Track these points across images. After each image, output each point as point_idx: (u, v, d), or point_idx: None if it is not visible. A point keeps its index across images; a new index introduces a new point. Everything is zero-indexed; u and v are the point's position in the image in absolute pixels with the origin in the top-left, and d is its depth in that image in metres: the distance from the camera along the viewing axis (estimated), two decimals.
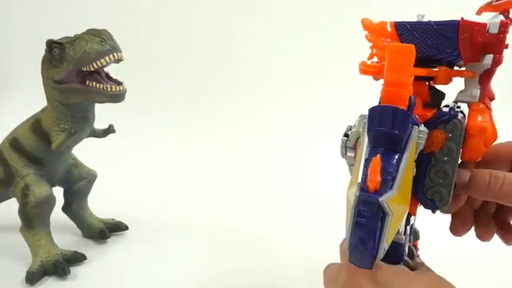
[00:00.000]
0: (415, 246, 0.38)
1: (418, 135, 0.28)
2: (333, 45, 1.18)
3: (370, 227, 0.26)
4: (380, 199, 0.26)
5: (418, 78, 0.30)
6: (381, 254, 0.27)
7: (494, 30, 0.27)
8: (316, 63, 1.23)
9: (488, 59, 0.29)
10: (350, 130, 0.33)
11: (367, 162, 0.27)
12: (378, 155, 0.27)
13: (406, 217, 0.30)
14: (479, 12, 0.29)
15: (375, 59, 0.33)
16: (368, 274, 0.28)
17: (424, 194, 0.31)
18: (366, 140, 0.29)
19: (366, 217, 0.26)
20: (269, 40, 1.28)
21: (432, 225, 0.42)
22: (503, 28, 0.27)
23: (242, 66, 1.28)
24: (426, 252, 0.40)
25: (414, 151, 0.28)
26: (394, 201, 0.26)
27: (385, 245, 0.27)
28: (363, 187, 0.27)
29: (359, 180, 0.27)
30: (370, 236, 0.26)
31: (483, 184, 0.30)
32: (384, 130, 0.27)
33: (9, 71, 1.30)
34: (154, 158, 1.02)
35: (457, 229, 0.35)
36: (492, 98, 0.31)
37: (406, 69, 0.27)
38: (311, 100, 1.21)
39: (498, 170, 0.30)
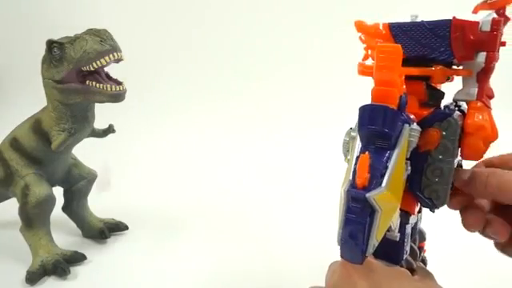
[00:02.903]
0: (421, 248, 0.38)
1: (410, 133, 0.28)
2: (335, 45, 1.18)
3: (360, 223, 0.27)
4: (367, 195, 0.26)
5: (414, 78, 0.30)
6: (370, 249, 0.27)
7: (486, 27, 0.27)
8: (317, 63, 1.23)
9: (481, 57, 0.29)
10: (350, 133, 0.33)
11: (358, 159, 0.28)
12: (367, 152, 0.27)
13: (397, 214, 0.30)
14: (475, 10, 0.29)
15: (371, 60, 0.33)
16: (363, 272, 0.29)
17: (422, 193, 0.31)
18: (358, 138, 0.29)
19: (356, 213, 0.27)
20: (270, 41, 1.28)
21: (439, 226, 0.42)
22: (495, 25, 0.27)
23: (245, 66, 1.28)
24: (432, 253, 0.40)
25: (405, 149, 0.28)
26: (383, 197, 0.27)
27: (374, 241, 0.27)
28: (353, 184, 0.27)
29: (350, 177, 0.28)
30: (359, 231, 0.27)
31: (482, 183, 0.30)
32: (374, 128, 0.28)
33: (9, 71, 1.30)
34: (154, 157, 1.02)
35: (469, 223, 0.32)
36: (491, 97, 0.31)
37: (394, 68, 0.27)
38: (312, 100, 1.21)
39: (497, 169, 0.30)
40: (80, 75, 0.49)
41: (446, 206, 0.32)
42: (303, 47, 1.26)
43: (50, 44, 0.48)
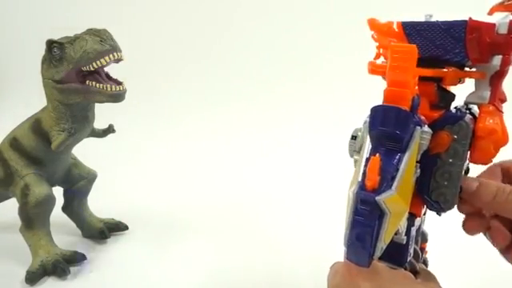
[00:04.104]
0: (423, 249, 0.37)
1: (421, 136, 0.28)
2: (343, 43, 1.18)
3: (368, 225, 0.26)
4: (377, 198, 0.26)
5: (425, 79, 0.29)
6: (377, 252, 0.27)
7: (503, 30, 0.27)
8: (323, 62, 1.23)
9: (497, 60, 0.28)
10: (357, 133, 0.33)
11: (368, 161, 0.27)
12: (378, 155, 0.27)
13: (406, 217, 0.29)
14: (491, 12, 0.28)
15: (382, 59, 0.32)
16: (366, 275, 0.28)
17: (429, 196, 0.31)
18: (368, 139, 0.29)
19: (364, 215, 0.26)
20: (276, 38, 1.27)
21: (440, 227, 0.42)
22: None
23: (249, 65, 1.27)
24: (433, 254, 0.40)
25: (415, 152, 0.28)
26: (393, 200, 0.26)
27: (382, 244, 0.27)
28: (362, 186, 0.27)
29: (359, 179, 0.27)
30: (367, 234, 0.26)
31: (490, 195, 0.30)
32: (385, 129, 0.27)
33: (9, 71, 1.30)
34: (155, 157, 1.01)
35: (470, 228, 0.34)
36: (503, 100, 0.30)
37: (409, 69, 0.26)
38: (318, 100, 1.20)
39: (507, 184, 0.30)
40: (80, 75, 0.48)
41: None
42: (309, 45, 1.26)
43: (50, 44, 0.48)
